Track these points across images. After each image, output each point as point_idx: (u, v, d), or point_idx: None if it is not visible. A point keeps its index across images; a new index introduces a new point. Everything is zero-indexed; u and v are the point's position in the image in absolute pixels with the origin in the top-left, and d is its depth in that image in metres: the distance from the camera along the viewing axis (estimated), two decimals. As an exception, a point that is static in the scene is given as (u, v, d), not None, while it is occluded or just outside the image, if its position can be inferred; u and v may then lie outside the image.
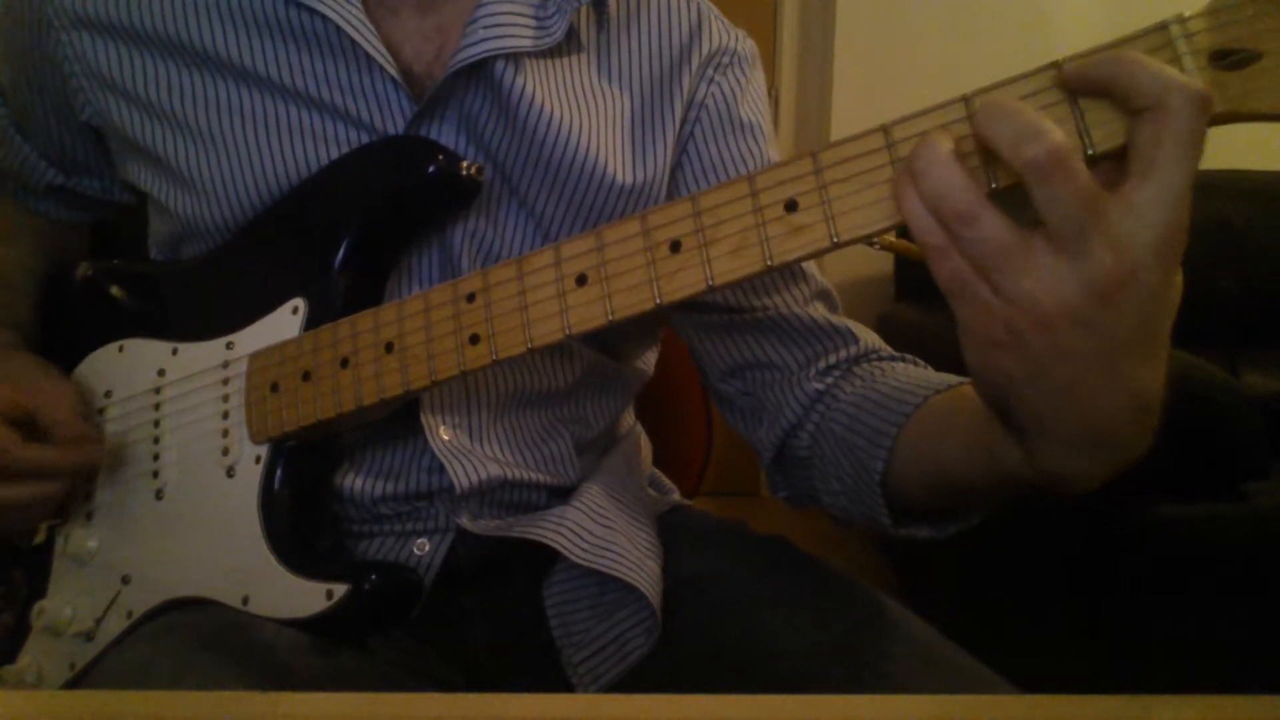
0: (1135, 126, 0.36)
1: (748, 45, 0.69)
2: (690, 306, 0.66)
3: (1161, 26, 0.38)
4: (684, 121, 0.66)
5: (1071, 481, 0.41)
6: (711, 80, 0.66)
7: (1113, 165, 0.38)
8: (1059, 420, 0.39)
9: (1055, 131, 0.35)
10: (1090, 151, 0.38)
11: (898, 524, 0.54)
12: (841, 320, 0.65)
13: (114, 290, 0.68)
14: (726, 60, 0.67)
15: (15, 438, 0.58)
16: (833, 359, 0.64)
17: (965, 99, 0.40)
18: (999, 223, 0.37)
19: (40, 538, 0.66)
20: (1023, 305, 0.36)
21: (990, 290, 0.37)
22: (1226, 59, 0.37)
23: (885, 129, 0.41)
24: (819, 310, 0.65)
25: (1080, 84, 0.38)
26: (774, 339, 0.65)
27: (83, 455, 0.61)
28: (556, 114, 0.60)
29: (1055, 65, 0.39)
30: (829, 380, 0.62)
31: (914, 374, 0.59)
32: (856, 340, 0.64)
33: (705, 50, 0.66)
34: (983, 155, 0.39)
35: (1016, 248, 0.36)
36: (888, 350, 0.65)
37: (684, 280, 0.45)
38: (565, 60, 0.63)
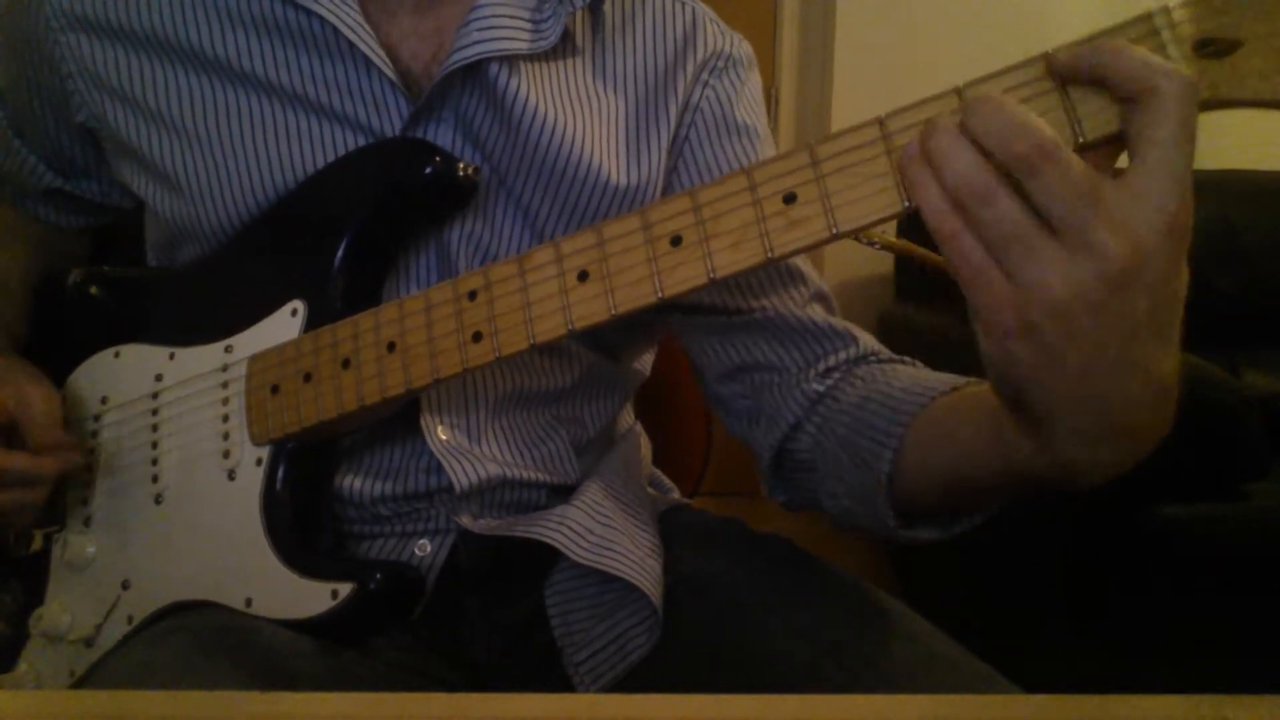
0: (1129, 113, 0.37)
1: (743, 48, 0.69)
2: (689, 308, 0.66)
3: (1146, 17, 0.39)
4: (679, 125, 0.66)
5: (1086, 473, 0.41)
6: (707, 84, 0.66)
7: (1112, 151, 0.38)
8: (1074, 408, 0.39)
9: (1042, 125, 0.36)
10: (1081, 140, 0.39)
11: (903, 526, 0.53)
12: (840, 322, 0.65)
13: (109, 296, 0.68)
14: (722, 64, 0.67)
15: None
16: (833, 360, 0.63)
17: (958, 90, 0.40)
18: (1015, 202, 0.37)
19: (37, 545, 0.66)
20: (1036, 291, 0.36)
21: (1004, 276, 0.37)
22: (1208, 47, 0.38)
23: (880, 121, 0.42)
24: (818, 312, 0.65)
25: (1070, 73, 0.38)
26: (773, 340, 0.65)
27: (60, 463, 0.61)
28: (551, 116, 0.60)
29: (1045, 56, 0.39)
30: (829, 382, 0.62)
31: (916, 375, 0.59)
32: (856, 342, 0.64)
33: (701, 54, 0.66)
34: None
35: (1032, 230, 0.36)
36: (886, 353, 0.65)
37: (685, 274, 0.46)
38: (560, 63, 0.63)
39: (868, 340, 0.65)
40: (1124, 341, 0.37)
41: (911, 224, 0.41)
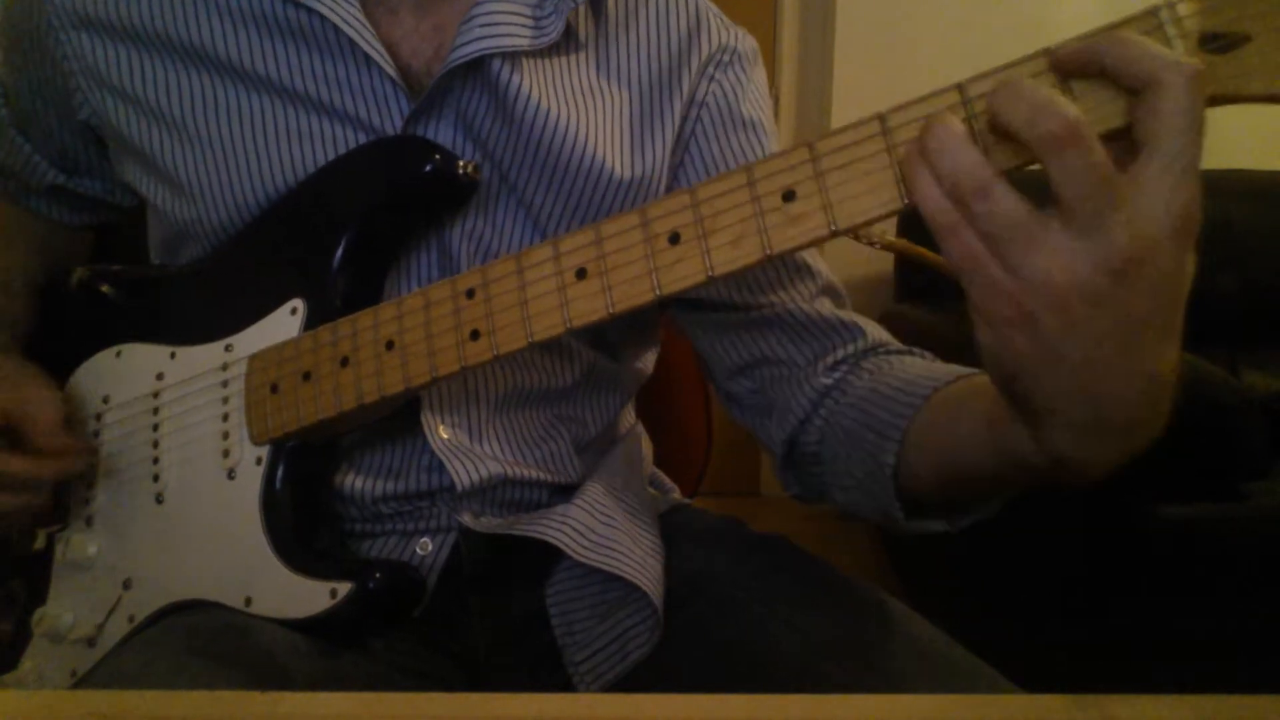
0: (1135, 105, 0.37)
1: (748, 42, 0.69)
2: (696, 305, 0.67)
3: (1151, 11, 0.39)
4: (684, 119, 0.66)
5: (1081, 467, 0.41)
6: (713, 78, 0.66)
7: (1118, 148, 0.38)
8: (1072, 402, 0.39)
9: (1070, 106, 0.35)
10: None
11: (910, 517, 0.54)
12: (849, 315, 0.65)
13: (110, 295, 0.68)
14: (727, 58, 0.67)
15: None
16: (840, 354, 0.63)
17: (959, 86, 0.40)
18: (1013, 196, 0.37)
19: (39, 544, 0.66)
20: (1036, 283, 0.36)
21: (1002, 268, 0.37)
22: (1215, 42, 0.38)
23: (881, 117, 0.42)
24: (826, 306, 0.65)
25: (1074, 66, 0.38)
26: (781, 335, 0.65)
27: (63, 466, 0.61)
28: (554, 111, 0.60)
29: (1047, 51, 0.39)
30: (837, 375, 0.62)
31: (922, 366, 0.59)
32: (864, 334, 0.64)
33: (706, 49, 0.66)
34: (984, 140, 0.39)
35: (1031, 222, 0.36)
36: (896, 344, 0.65)
37: (683, 271, 0.46)
38: (563, 59, 0.63)
39: (876, 332, 0.65)
40: (1124, 336, 0.37)
41: (911, 223, 0.41)
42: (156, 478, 0.62)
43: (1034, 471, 0.44)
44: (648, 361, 0.78)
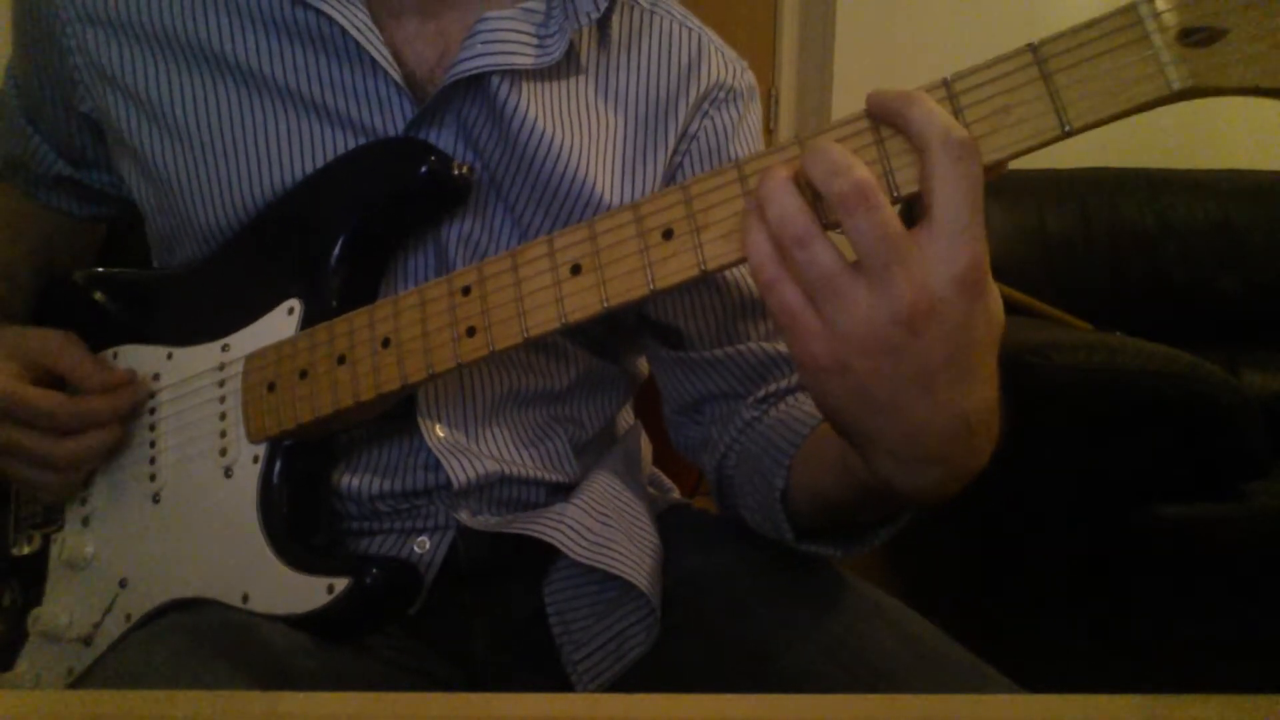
0: (920, 165, 0.39)
1: (745, 79, 0.70)
2: (667, 341, 0.69)
3: (1130, 8, 0.39)
4: (675, 151, 0.66)
5: (911, 492, 0.44)
6: (706, 114, 0.67)
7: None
8: (885, 437, 0.42)
9: (860, 167, 0.39)
10: (895, 194, 0.41)
11: (800, 540, 0.58)
12: None
13: (106, 297, 0.68)
14: (723, 95, 0.67)
15: (60, 396, 0.59)
16: (772, 388, 0.65)
17: (945, 82, 0.41)
18: (829, 249, 0.40)
19: (35, 544, 0.66)
20: (844, 333, 0.39)
21: (819, 320, 0.40)
22: (1193, 36, 0.38)
23: (869, 112, 0.42)
24: (782, 344, 0.67)
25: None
26: (726, 373, 0.67)
27: (132, 395, 0.61)
28: (550, 132, 0.61)
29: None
30: (763, 408, 0.65)
31: None
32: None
33: (704, 83, 0.66)
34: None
35: (842, 275, 0.39)
36: None
37: (677, 265, 0.46)
38: (564, 80, 0.63)
39: None
40: (923, 380, 0.40)
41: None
42: (153, 477, 0.62)
43: (876, 497, 0.48)
44: (645, 364, 0.78)
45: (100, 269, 0.70)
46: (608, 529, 0.63)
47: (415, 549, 0.62)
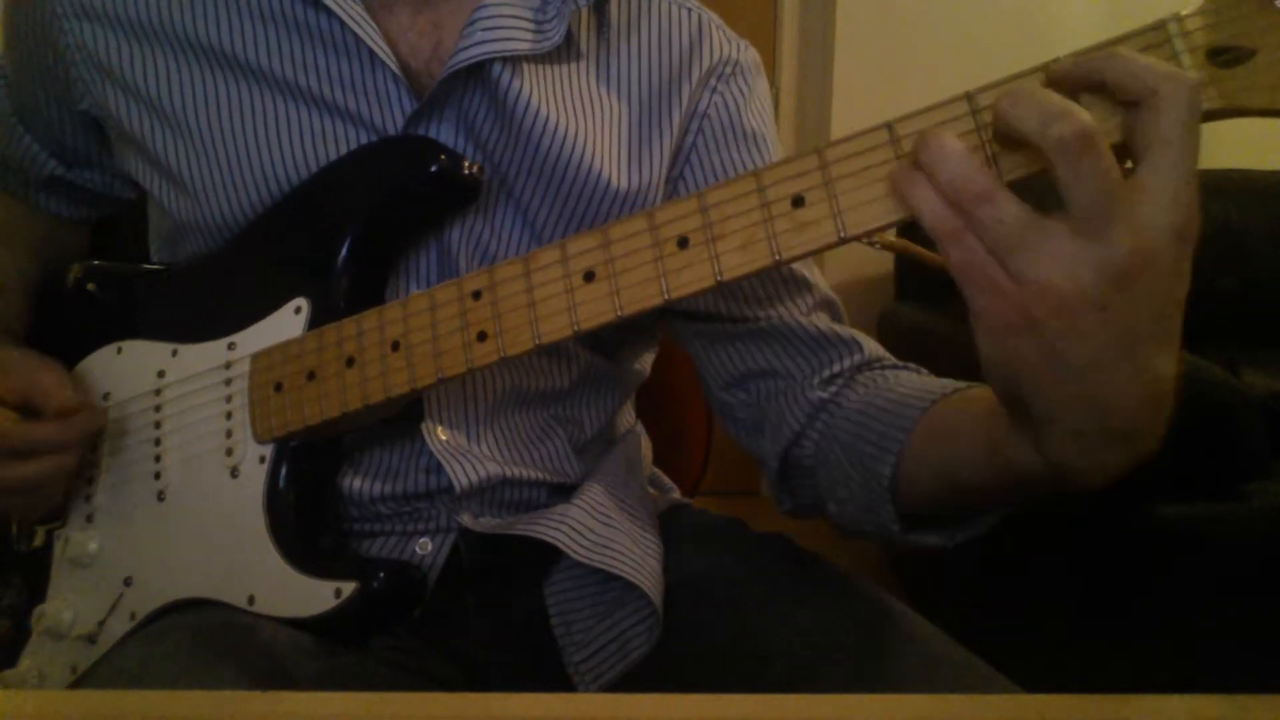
0: (1135, 117, 0.37)
1: (750, 54, 0.69)
2: (692, 315, 0.67)
3: (1159, 25, 0.39)
4: (685, 131, 0.66)
5: (1083, 476, 0.41)
6: (715, 90, 0.66)
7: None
8: (1074, 409, 0.39)
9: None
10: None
11: (906, 531, 0.54)
12: (846, 330, 0.65)
13: (109, 292, 0.68)
14: (730, 70, 0.67)
15: (12, 416, 0.59)
16: (836, 368, 0.63)
17: (968, 95, 0.40)
18: (1016, 202, 0.37)
19: (39, 541, 0.66)
20: (1040, 288, 0.37)
21: (1005, 274, 0.37)
22: (1221, 56, 0.38)
23: (889, 126, 0.42)
24: (823, 320, 0.65)
25: (1071, 81, 0.39)
26: (778, 348, 0.65)
27: (83, 423, 0.61)
28: (553, 118, 0.60)
29: (1045, 66, 0.39)
30: (833, 389, 0.62)
31: (919, 380, 0.59)
32: (861, 349, 0.64)
33: (708, 61, 0.66)
34: (990, 150, 0.40)
35: (1034, 228, 0.37)
36: (891, 359, 0.65)
37: (692, 275, 0.46)
38: (564, 66, 0.63)
39: (873, 347, 0.65)
40: (1126, 341, 0.37)
41: (911, 224, 0.41)
42: (158, 475, 0.62)
43: (1034, 481, 0.44)
44: (645, 363, 0.78)
45: (100, 263, 0.69)
46: (609, 529, 0.63)
47: (417, 550, 0.63)
